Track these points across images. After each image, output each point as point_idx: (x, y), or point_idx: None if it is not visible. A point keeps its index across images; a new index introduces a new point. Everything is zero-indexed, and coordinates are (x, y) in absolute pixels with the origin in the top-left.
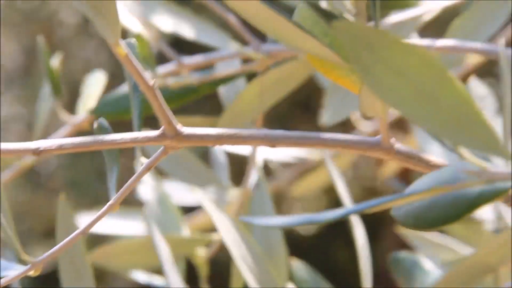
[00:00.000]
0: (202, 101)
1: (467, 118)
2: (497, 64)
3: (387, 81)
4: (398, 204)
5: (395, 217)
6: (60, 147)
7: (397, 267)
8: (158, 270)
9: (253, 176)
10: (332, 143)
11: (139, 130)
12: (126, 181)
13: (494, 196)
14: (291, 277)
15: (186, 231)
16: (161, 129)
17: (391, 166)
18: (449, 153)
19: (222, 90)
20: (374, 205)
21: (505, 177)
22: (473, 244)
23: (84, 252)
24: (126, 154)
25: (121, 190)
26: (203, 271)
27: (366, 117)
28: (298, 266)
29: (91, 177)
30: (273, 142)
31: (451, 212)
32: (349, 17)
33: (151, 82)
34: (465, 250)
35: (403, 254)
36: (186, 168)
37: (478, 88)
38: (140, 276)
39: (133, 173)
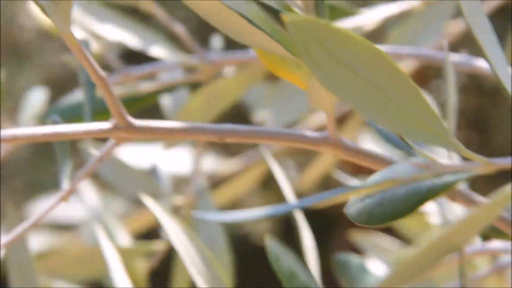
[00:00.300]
0: (146, 112)
1: (417, 111)
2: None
3: (338, 76)
4: (347, 198)
5: (347, 214)
6: (14, 138)
7: (341, 269)
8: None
9: (196, 185)
10: (279, 137)
11: (91, 122)
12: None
13: (443, 189)
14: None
15: (124, 240)
16: (112, 120)
17: (315, 171)
18: (384, 143)
19: (164, 102)
20: (321, 199)
21: (454, 169)
22: (419, 235)
23: (29, 252)
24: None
25: (72, 182)
26: (141, 285)
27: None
28: (273, 244)
29: (52, 178)
30: (221, 136)
31: (402, 206)
32: (299, 12)
33: (102, 73)
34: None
35: (347, 256)
36: (129, 178)
37: None
38: None
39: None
